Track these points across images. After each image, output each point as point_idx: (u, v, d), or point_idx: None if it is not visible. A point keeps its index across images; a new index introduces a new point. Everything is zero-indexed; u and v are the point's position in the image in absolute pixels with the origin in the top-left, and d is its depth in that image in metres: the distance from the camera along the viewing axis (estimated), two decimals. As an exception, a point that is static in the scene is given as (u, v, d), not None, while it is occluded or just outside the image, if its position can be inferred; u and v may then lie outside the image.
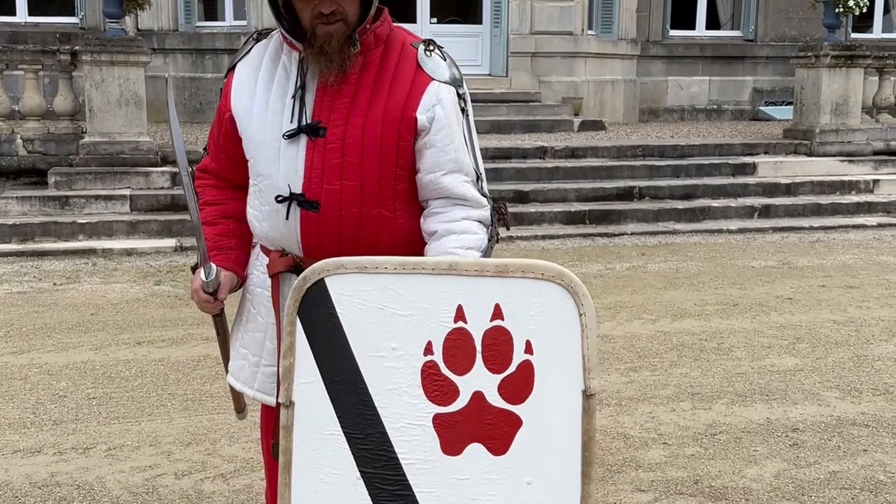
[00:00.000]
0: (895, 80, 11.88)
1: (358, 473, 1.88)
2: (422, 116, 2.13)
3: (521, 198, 9.75)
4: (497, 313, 1.91)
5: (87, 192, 9.05)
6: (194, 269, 2.31)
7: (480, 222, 2.19)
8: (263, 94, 2.18)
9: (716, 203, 10.15)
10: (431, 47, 2.19)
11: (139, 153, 9.47)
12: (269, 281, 2.28)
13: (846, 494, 3.59)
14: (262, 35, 2.29)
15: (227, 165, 2.34)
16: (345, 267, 1.93)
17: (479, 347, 1.90)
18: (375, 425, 1.89)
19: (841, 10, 11.44)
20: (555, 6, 13.48)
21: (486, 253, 2.17)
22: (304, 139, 2.13)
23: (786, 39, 15.75)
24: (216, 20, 13.88)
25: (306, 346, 1.93)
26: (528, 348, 1.91)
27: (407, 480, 1.87)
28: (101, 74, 9.28)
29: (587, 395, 1.93)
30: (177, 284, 7.19)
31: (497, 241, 2.24)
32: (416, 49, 2.18)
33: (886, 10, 16.56)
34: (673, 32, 15.68)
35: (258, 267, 2.34)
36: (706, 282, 7.34)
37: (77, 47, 9.51)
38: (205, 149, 2.43)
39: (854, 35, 15.53)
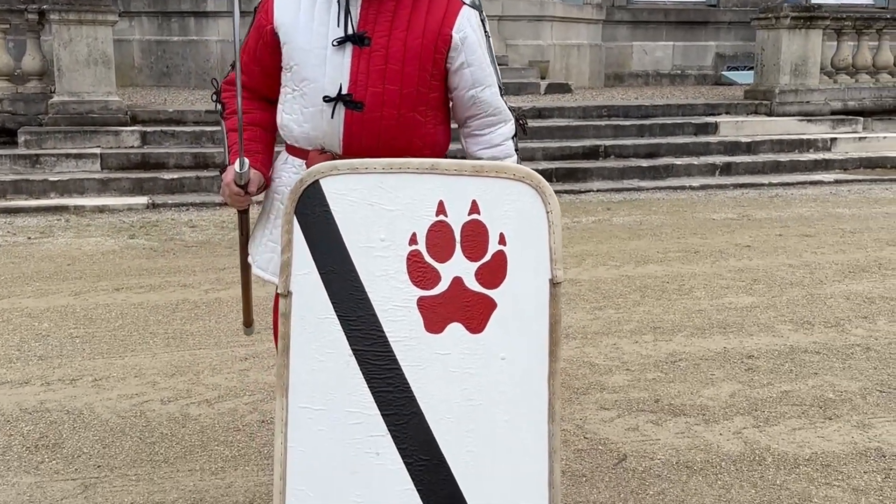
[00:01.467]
0: (853, 42, 12.19)
1: (350, 351, 2.07)
2: (456, 35, 2.41)
3: (489, 156, 9.91)
4: (474, 208, 2.10)
5: (58, 151, 9.08)
6: (222, 169, 2.53)
7: (512, 137, 2.54)
8: (309, 7, 2.43)
9: (679, 161, 10.40)
10: None
11: (108, 112, 9.51)
12: None
13: (797, 410, 3.85)
14: None
15: (259, 77, 2.57)
16: (338, 168, 2.11)
17: (458, 238, 2.09)
18: (366, 308, 2.07)
19: (801, -28, 11.70)
20: (521, -31, 13.61)
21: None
22: (350, 47, 2.38)
23: (748, 4, 16.01)
24: (182, -17, 13.82)
25: (303, 242, 2.11)
26: (502, 240, 2.11)
27: (394, 356, 2.06)
28: (69, 33, 9.28)
29: (553, 283, 2.13)
30: (151, 238, 7.30)
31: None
32: None
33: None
34: (638, -4, 15.90)
35: (288, 169, 2.57)
36: (668, 233, 7.59)
37: (45, 6, 9.50)
38: (231, 65, 2.63)
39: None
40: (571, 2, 14.65)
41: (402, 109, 2.39)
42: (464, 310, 2.08)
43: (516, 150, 2.57)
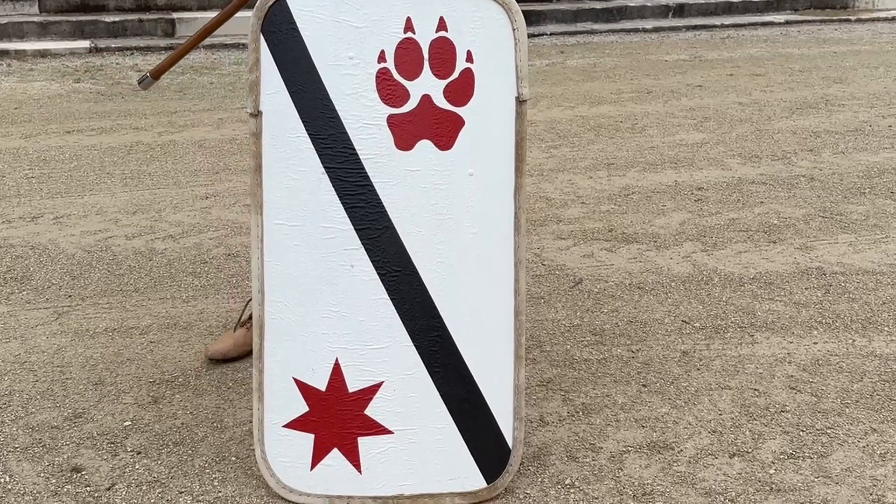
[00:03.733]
0: None
1: (322, 169, 2.12)
2: None
3: None
4: (441, 25, 2.12)
5: (-8, -7, 8.70)
6: None
7: None
8: None
9: (632, 3, 10.30)
10: None
11: (42, -49, 9.06)
12: None
13: (743, 235, 4.02)
14: None
15: None
16: (302, -16, 2.10)
17: (426, 56, 2.12)
18: (336, 126, 2.11)
19: None
20: None
21: None
22: None
23: None
24: None
25: (270, 60, 2.11)
26: (469, 57, 2.14)
27: (366, 172, 2.12)
28: None
29: (519, 101, 2.19)
30: (97, 82, 7.13)
31: None
32: None
33: None
34: None
35: None
36: (622, 74, 7.62)
37: None
38: None
39: None
40: None
41: None
42: (433, 127, 2.13)
43: None
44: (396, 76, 2.11)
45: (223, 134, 5.66)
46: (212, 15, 9.04)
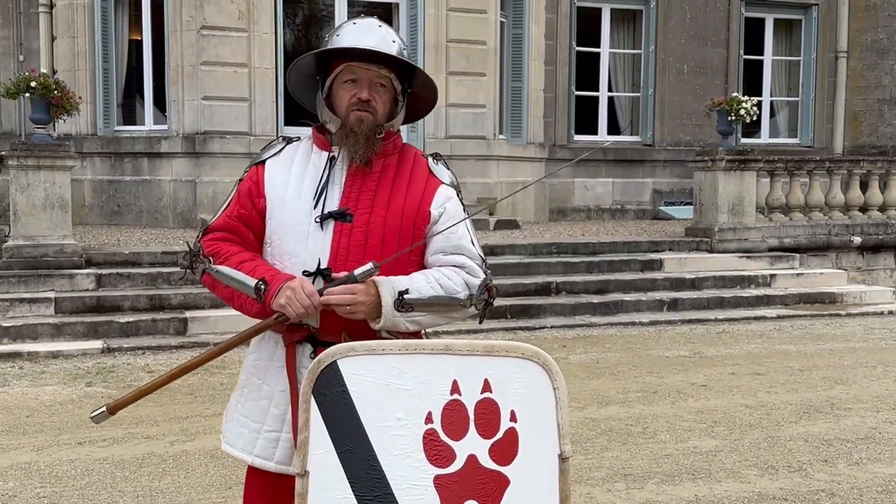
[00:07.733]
0: (785, 180, 12.83)
1: (369, 531, 2.12)
2: (435, 210, 2.56)
3: (445, 295, 10.08)
4: (486, 387, 2.21)
5: (11, 296, 8.98)
6: (263, 294, 2.46)
7: (466, 283, 2.52)
8: (296, 185, 2.55)
9: (627, 297, 10.68)
10: (438, 158, 2.68)
11: (63, 255, 9.50)
12: (279, 352, 2.54)
13: (773, 559, 3.93)
14: (289, 140, 2.67)
15: (250, 238, 2.59)
16: (355, 350, 2.21)
17: (471, 416, 2.19)
18: (383, 487, 2.14)
19: (733, 117, 12.40)
20: (468, 112, 14.16)
21: (453, 303, 2.48)
22: (332, 223, 2.49)
23: (681, 144, 16.81)
24: (135, 124, 14.06)
25: (320, 421, 2.18)
26: (513, 417, 2.21)
27: (413, 535, 2.12)
28: (26, 178, 9.36)
29: (562, 458, 2.23)
30: (108, 385, 7.20)
31: (480, 308, 2.57)
32: (426, 159, 2.66)
33: (772, 114, 17.90)
34: (577, 137, 16.58)
35: (263, 344, 2.62)
36: (625, 371, 7.75)
37: (3, 152, 9.58)
38: (206, 229, 2.62)
39: (744, 140, 16.70)
40: (516, 141, 15.22)
41: None
42: (479, 487, 2.16)
43: (471, 298, 2.51)
44: (443, 437, 2.17)
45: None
46: (224, 313, 9.28)
